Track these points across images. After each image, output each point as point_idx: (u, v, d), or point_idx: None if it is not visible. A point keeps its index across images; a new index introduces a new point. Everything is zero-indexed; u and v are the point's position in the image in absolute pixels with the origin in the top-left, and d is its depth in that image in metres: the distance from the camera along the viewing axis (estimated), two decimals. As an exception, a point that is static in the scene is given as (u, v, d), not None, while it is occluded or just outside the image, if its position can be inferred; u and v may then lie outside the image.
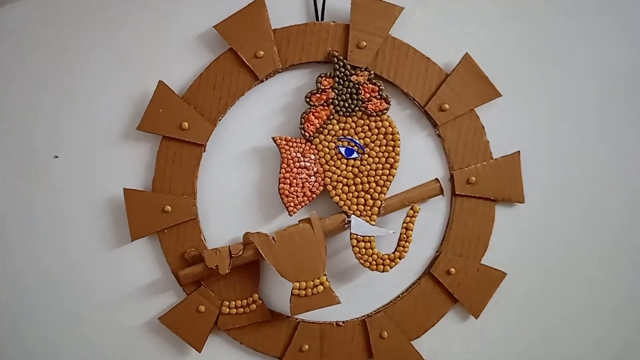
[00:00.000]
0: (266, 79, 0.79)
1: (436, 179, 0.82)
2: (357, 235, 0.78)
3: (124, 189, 0.79)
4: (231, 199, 0.81)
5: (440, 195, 0.81)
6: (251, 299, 0.80)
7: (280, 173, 0.78)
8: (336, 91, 0.77)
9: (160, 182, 0.79)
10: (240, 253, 0.78)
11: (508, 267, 0.82)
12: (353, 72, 0.77)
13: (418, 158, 0.82)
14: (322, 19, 0.80)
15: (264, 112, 0.80)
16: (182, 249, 0.80)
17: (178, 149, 0.79)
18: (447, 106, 0.80)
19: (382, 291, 0.82)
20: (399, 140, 0.79)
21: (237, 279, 0.80)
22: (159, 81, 0.78)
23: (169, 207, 0.79)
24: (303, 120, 0.78)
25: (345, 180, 0.79)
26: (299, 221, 0.78)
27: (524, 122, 0.82)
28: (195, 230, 0.80)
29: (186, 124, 0.79)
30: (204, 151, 0.80)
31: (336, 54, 0.77)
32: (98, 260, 0.81)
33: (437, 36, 0.81)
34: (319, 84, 0.78)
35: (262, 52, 0.78)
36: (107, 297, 0.81)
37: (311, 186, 0.78)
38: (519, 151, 0.81)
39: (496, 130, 0.81)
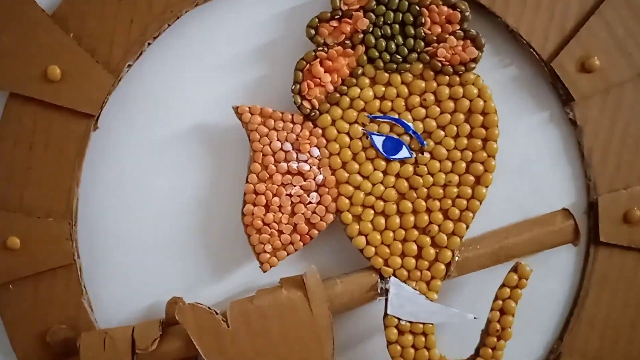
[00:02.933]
0: None
1: (564, 209, 0.44)
2: (398, 318, 0.41)
3: None
4: (145, 228, 0.43)
5: (572, 244, 0.44)
6: None
7: (246, 181, 0.41)
8: (373, 17, 0.40)
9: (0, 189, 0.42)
10: (155, 346, 0.41)
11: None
12: (410, -20, 0.41)
13: (529, 165, 0.44)
14: None
15: (222, 54, 0.42)
16: (43, 325, 0.43)
17: (39, 120, 0.40)
18: (596, 62, 0.42)
19: None
20: (496, 126, 0.41)
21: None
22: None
23: (16, 241, 0.42)
24: (300, 76, 0.41)
25: (382, 203, 0.42)
26: (281, 282, 0.41)
27: None
28: (70, 287, 0.42)
29: (57, 69, 0.40)
30: (95, 129, 0.42)
31: None
32: None
33: None
34: (337, 1, 0.40)
35: None
36: None
37: (309, 212, 0.41)
38: None
39: None
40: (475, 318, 0.41)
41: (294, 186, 0.41)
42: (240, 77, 0.43)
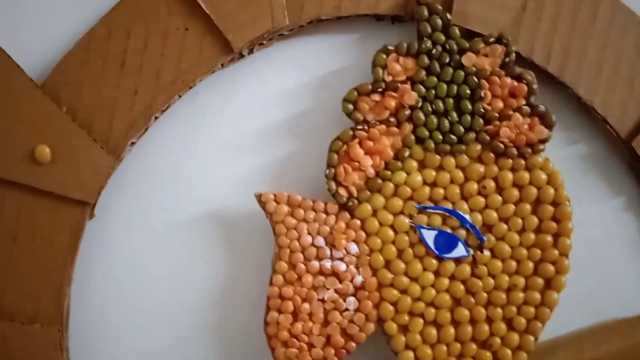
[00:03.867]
0: (251, 53, 0.35)
1: None
2: None
3: None
4: (148, 334, 0.36)
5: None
6: None
7: (270, 283, 0.34)
8: (423, 90, 0.34)
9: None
10: None
11: None
12: (466, 46, 0.34)
13: (603, 260, 0.37)
14: None
15: (241, 127, 0.36)
16: None
17: (25, 208, 0.34)
18: None
19: None
20: (569, 219, 0.35)
21: None
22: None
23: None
24: (336, 159, 0.34)
25: (433, 311, 0.35)
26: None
27: None
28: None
29: (46, 150, 0.34)
30: (90, 217, 0.35)
31: None
32: None
33: None
34: (380, 72, 0.35)
35: None
36: None
37: (346, 321, 0.34)
38: None
39: None
40: None
41: (328, 289, 0.34)
42: (262, 155, 0.36)
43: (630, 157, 0.37)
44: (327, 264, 0.34)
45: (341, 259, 0.35)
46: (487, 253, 0.35)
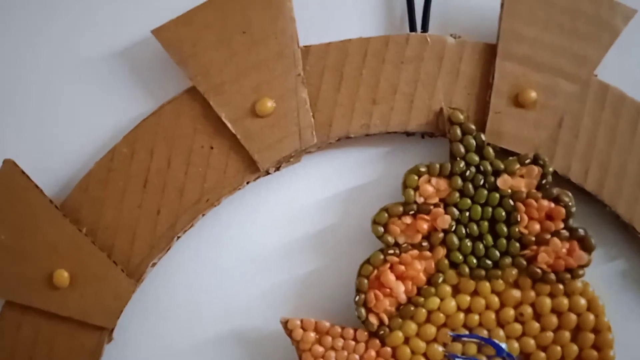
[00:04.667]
0: (277, 170, 0.34)
1: None
2: None
3: None
4: None
5: None
6: None
7: None
8: (456, 212, 0.32)
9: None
10: None
11: None
12: (501, 167, 0.33)
13: None
14: (426, 29, 0.35)
15: (266, 243, 0.35)
16: None
17: (42, 331, 0.33)
18: None
19: None
20: (611, 347, 0.33)
21: None
22: (6, 161, 0.33)
23: None
24: (366, 284, 0.32)
25: None
26: None
27: None
28: None
29: (65, 274, 0.33)
30: (109, 341, 0.34)
31: (460, 117, 0.33)
32: None
33: None
34: (411, 193, 0.33)
35: (270, 104, 0.33)
36: None
37: None
38: None
39: None
40: None
41: (357, 422, 0.34)
42: (287, 272, 0.35)
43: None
44: (356, 394, 0.34)
45: (375, 389, 0.34)
46: (526, 386, 0.34)
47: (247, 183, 0.35)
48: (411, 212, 0.33)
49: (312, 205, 0.36)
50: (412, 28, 0.36)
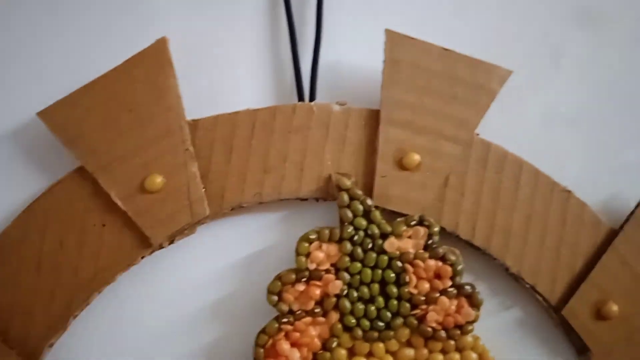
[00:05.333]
0: (172, 243, 0.34)
1: None
2: None
3: None
4: None
5: None
6: None
7: None
8: (347, 277, 0.33)
9: None
10: None
11: None
12: (388, 230, 0.34)
13: None
14: (313, 97, 0.37)
15: (167, 315, 0.35)
16: None
17: None
18: (613, 308, 0.36)
19: None
20: (503, 398, 0.36)
21: None
22: None
23: None
24: (262, 354, 0.32)
25: None
26: None
27: None
28: None
29: None
30: None
31: (347, 183, 0.34)
32: None
33: (589, 142, 0.37)
34: (303, 260, 0.34)
35: (159, 180, 0.33)
36: None
37: None
38: None
39: None
40: None
41: None
42: (189, 343, 0.35)
43: (562, 325, 0.36)
44: None
45: None
46: None
47: (142, 258, 0.35)
48: (304, 279, 0.34)
49: (210, 275, 0.36)
50: (300, 97, 0.37)
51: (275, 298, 0.34)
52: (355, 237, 0.34)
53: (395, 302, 0.34)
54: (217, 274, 0.36)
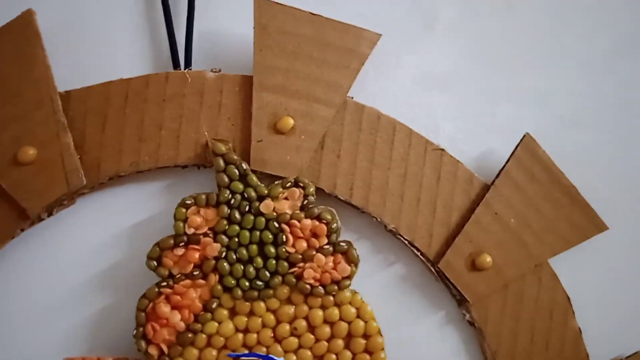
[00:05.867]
0: (51, 215, 0.35)
1: None
2: None
3: None
4: None
5: None
6: None
7: None
8: (225, 239, 0.34)
9: None
10: None
11: None
12: (264, 192, 0.35)
13: None
14: (189, 65, 0.36)
15: (55, 286, 0.35)
16: None
17: None
18: (487, 259, 0.38)
19: None
20: (382, 349, 0.36)
21: None
22: None
23: None
24: (143, 318, 0.33)
25: None
26: None
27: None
28: None
29: None
30: None
31: (223, 148, 0.35)
32: None
33: (462, 103, 0.39)
34: (181, 225, 0.35)
35: (32, 152, 0.33)
36: None
37: None
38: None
39: (598, 307, 0.38)
40: None
41: None
42: (76, 314, 0.36)
43: (441, 278, 0.38)
44: None
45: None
46: (305, 394, 0.37)
47: (22, 230, 0.35)
48: (182, 244, 0.35)
49: (94, 247, 0.37)
50: (176, 66, 0.37)
51: (155, 263, 0.35)
52: (232, 201, 0.35)
53: (273, 261, 0.35)
54: (101, 245, 0.37)
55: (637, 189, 0.40)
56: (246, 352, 0.35)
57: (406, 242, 0.38)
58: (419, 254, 0.38)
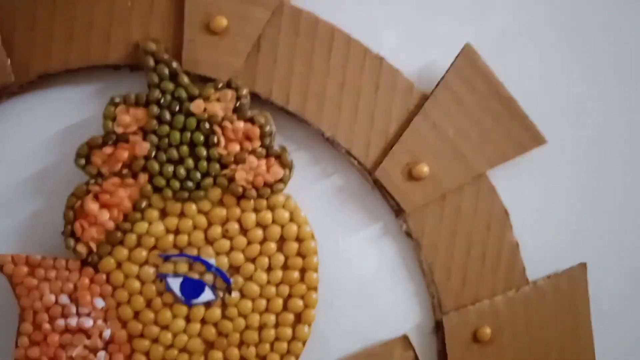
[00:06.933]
0: None
1: (404, 337, 0.38)
2: None
3: None
4: None
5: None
6: None
7: (16, 346, 0.33)
8: (155, 139, 0.34)
9: None
10: None
11: None
12: (195, 93, 0.34)
13: (367, 286, 0.38)
14: None
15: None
16: None
17: None
18: (424, 169, 0.38)
19: None
20: (314, 253, 0.36)
21: None
22: None
23: None
24: (72, 215, 0.34)
25: (186, 356, 0.35)
26: None
27: (591, 199, 0.40)
28: None
29: None
30: None
31: (153, 47, 0.34)
32: None
33: (404, 13, 0.38)
34: (110, 124, 0.34)
35: None
36: None
37: None
38: (584, 264, 0.40)
39: (535, 222, 0.39)
40: None
41: (76, 347, 0.34)
42: (7, 217, 0.35)
43: (378, 187, 0.38)
44: (73, 321, 0.35)
45: (88, 315, 0.35)
46: (235, 294, 0.35)
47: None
48: (111, 142, 0.35)
49: (24, 151, 0.36)
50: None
51: (83, 161, 0.34)
52: (162, 100, 0.35)
53: (204, 163, 0.35)
54: (31, 150, 0.36)
55: (576, 102, 0.41)
56: (177, 252, 0.36)
57: (343, 150, 0.38)
58: (355, 162, 0.38)
